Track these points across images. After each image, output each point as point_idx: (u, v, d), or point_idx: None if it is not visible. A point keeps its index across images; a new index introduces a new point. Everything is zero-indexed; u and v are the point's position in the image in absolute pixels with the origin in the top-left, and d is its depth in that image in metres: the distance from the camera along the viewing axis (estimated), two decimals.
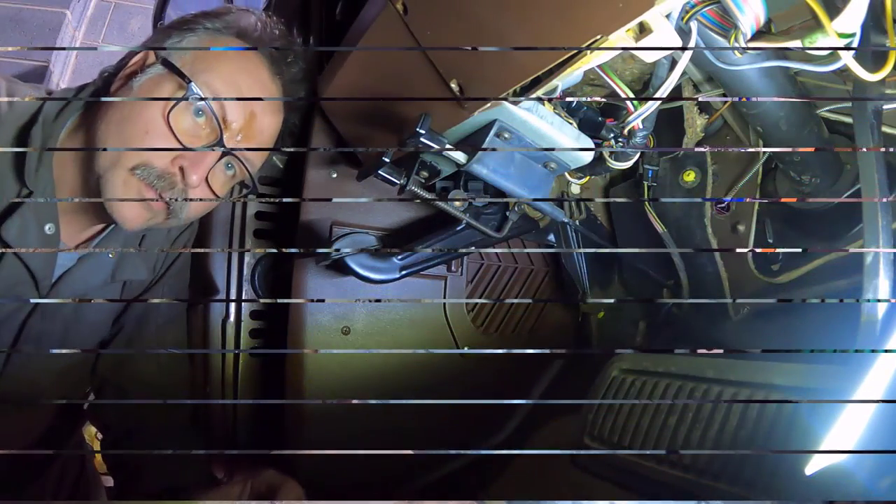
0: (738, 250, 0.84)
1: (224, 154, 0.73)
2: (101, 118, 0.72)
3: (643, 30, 0.44)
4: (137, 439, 0.88)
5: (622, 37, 0.44)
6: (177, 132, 0.70)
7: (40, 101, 0.76)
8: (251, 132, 0.76)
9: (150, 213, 0.73)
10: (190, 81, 0.70)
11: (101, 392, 0.93)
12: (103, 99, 0.75)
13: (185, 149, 0.70)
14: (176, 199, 0.73)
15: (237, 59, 0.76)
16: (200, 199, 0.76)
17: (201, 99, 0.70)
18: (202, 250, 0.94)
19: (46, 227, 0.73)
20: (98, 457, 1.23)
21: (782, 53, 0.52)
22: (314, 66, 0.85)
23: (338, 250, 0.78)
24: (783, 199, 0.81)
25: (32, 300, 0.76)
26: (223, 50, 0.76)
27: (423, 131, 0.57)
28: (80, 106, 0.78)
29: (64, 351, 0.83)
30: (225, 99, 0.72)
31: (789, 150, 0.71)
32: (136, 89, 0.72)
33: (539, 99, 0.61)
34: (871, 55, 0.48)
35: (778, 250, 0.81)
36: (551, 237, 0.98)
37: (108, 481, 1.23)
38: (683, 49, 0.46)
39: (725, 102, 0.83)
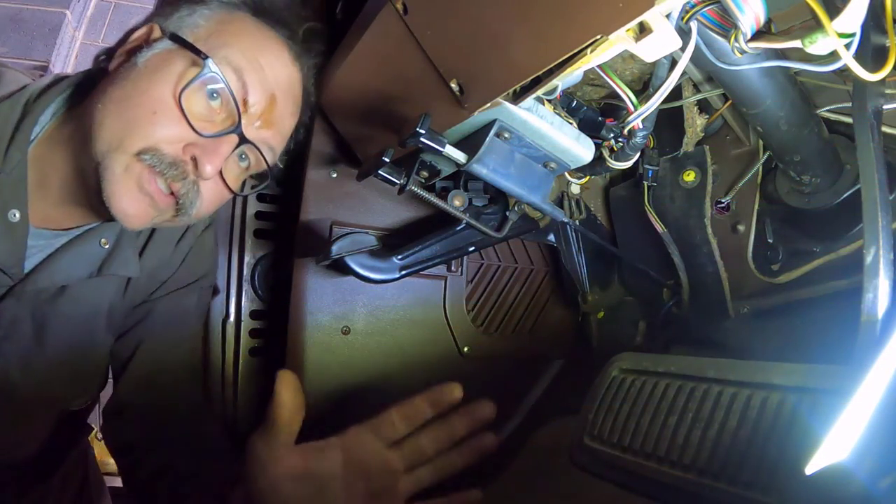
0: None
1: (242, 142, 0.66)
2: (99, 97, 0.65)
3: (643, 30, 0.44)
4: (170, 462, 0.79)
5: (622, 37, 0.44)
6: (188, 115, 0.63)
7: (27, 82, 0.70)
8: (271, 118, 0.70)
9: (155, 212, 0.66)
10: (207, 58, 0.63)
11: (120, 415, 0.83)
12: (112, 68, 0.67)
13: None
14: (186, 193, 0.66)
15: (258, 36, 0.69)
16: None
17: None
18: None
19: (10, 214, 0.65)
20: (101, 457, 1.22)
21: (782, 53, 0.52)
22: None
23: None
24: None
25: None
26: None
27: (423, 131, 0.57)
28: (72, 91, 0.72)
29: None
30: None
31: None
32: (140, 65, 0.65)
33: (539, 99, 0.61)
34: (872, 55, 0.48)
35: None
36: (551, 237, 0.98)
37: (110, 481, 1.23)
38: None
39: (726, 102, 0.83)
